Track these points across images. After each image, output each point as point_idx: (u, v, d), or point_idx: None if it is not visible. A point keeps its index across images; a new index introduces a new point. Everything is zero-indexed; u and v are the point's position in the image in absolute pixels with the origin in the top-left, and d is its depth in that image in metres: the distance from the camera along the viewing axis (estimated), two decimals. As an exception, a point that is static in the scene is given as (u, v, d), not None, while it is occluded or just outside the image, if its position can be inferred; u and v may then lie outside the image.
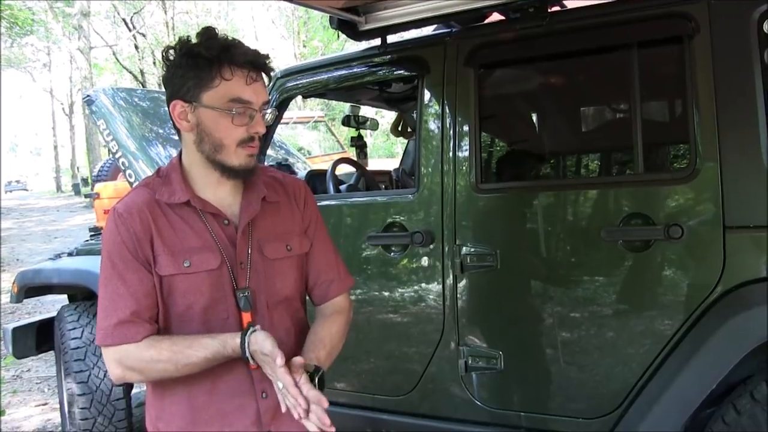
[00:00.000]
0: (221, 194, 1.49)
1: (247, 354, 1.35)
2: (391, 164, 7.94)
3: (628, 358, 2.17)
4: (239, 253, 1.46)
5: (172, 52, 1.41)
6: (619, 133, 2.52)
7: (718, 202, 2.01)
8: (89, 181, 24.08)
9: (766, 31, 1.98)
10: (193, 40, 1.39)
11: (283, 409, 1.34)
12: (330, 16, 2.67)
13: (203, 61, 1.36)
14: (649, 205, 2.12)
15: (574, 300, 2.26)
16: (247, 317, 1.45)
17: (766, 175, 1.94)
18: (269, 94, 2.92)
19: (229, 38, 1.40)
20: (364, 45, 2.87)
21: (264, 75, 1.44)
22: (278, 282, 1.52)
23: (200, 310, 1.44)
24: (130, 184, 3.53)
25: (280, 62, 25.70)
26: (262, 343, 1.32)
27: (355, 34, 2.72)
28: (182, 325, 1.44)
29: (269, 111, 1.46)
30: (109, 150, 3.70)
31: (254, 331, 1.36)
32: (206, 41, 1.38)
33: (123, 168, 3.55)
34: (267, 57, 1.42)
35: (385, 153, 21.04)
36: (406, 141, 4.48)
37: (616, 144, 2.62)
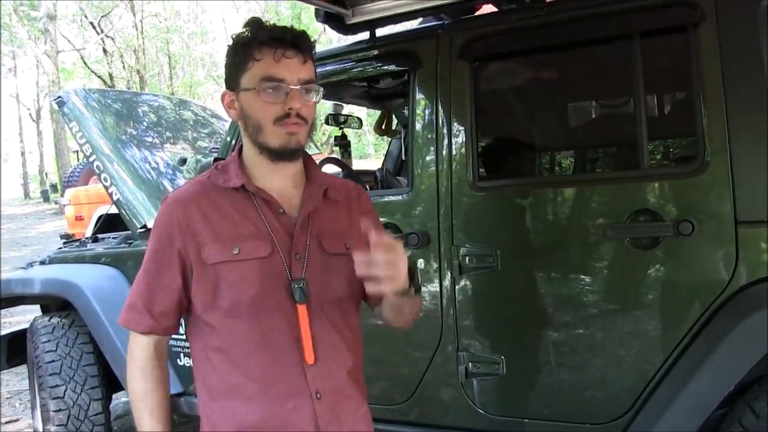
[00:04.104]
0: (280, 184, 1.47)
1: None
2: (366, 164, 7.84)
3: (637, 361, 2.09)
4: (296, 244, 1.43)
5: None
6: (622, 126, 2.45)
7: (729, 196, 1.94)
8: (58, 187, 23.61)
9: None
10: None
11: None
12: (316, 9, 2.57)
13: (238, 47, 1.40)
14: (657, 200, 2.05)
15: (579, 301, 2.17)
16: (302, 310, 1.40)
17: (780, 166, 1.87)
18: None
19: (271, 24, 1.40)
20: (347, 40, 2.77)
21: (299, 52, 1.39)
22: (334, 278, 1.47)
23: (248, 301, 1.39)
24: (106, 188, 3.36)
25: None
26: None
27: (342, 27, 2.62)
28: (229, 325, 1.41)
29: (315, 87, 1.41)
30: (82, 153, 3.53)
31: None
32: (243, 29, 1.40)
33: (98, 171, 3.38)
34: (297, 33, 1.39)
35: (358, 153, 20.92)
36: (389, 140, 4.39)
37: (620, 138, 2.54)
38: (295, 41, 1.37)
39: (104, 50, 27.20)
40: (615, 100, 2.55)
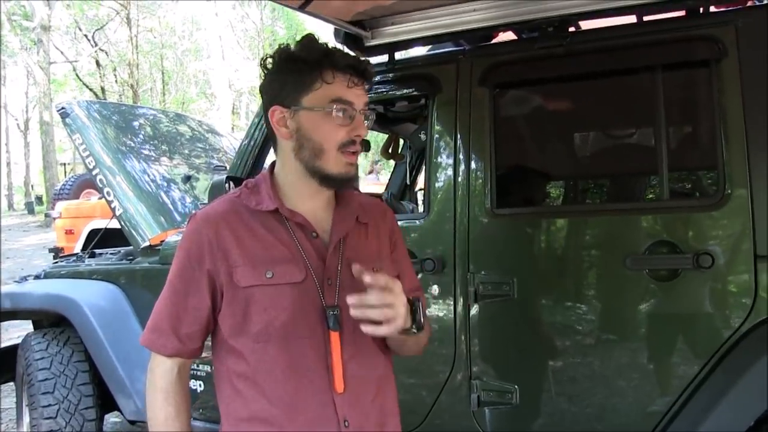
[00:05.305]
0: (313, 207, 1.44)
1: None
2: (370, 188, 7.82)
3: (653, 393, 2.07)
4: (328, 269, 1.40)
5: (270, 60, 1.41)
6: (643, 157, 2.45)
7: (748, 230, 1.93)
8: (44, 199, 23.32)
9: None
10: (293, 48, 1.40)
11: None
12: (335, 29, 2.56)
13: (304, 65, 1.36)
14: (676, 232, 2.04)
15: (595, 331, 2.15)
16: (335, 337, 1.36)
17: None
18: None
19: (329, 44, 1.39)
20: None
21: (364, 81, 1.41)
22: None
23: (279, 326, 1.36)
24: (109, 202, 3.31)
25: (243, 84, 25.47)
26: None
27: (361, 49, 2.61)
28: (257, 351, 1.36)
29: (370, 115, 1.42)
30: (85, 166, 3.48)
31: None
32: (308, 46, 1.38)
33: (101, 185, 3.33)
34: (368, 64, 1.40)
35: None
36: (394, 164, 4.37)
37: (641, 169, 2.54)
38: (365, 72, 1.39)
39: (97, 63, 27.11)
40: (636, 131, 2.55)
